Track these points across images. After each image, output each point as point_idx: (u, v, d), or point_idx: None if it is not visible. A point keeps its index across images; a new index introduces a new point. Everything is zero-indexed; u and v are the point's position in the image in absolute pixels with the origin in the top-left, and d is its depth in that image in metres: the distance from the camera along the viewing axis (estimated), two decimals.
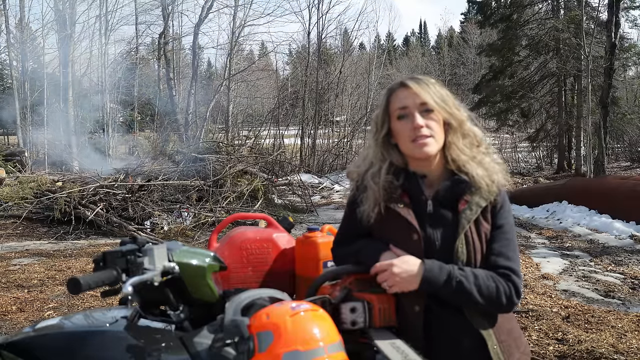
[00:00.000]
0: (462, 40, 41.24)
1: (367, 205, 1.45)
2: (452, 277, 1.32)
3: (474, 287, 1.33)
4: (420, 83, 1.41)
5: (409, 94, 1.40)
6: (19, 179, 12.44)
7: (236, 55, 20.87)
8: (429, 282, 1.33)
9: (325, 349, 1.10)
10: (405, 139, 1.41)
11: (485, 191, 1.39)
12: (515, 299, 1.36)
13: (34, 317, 4.38)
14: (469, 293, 1.32)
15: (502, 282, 1.36)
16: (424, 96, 1.39)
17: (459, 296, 1.33)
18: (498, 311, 1.39)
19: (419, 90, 1.39)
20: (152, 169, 9.82)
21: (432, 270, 1.33)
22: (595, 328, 3.90)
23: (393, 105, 1.43)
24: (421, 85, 1.41)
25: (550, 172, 17.95)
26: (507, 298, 1.35)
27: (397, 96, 1.43)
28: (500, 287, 1.35)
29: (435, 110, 1.39)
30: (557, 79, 17.54)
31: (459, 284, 1.32)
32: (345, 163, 17.98)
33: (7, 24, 19.69)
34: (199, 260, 1.36)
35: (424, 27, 75.81)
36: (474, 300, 1.33)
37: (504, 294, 1.35)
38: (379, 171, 1.44)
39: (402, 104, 1.41)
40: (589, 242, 7.10)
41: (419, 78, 1.44)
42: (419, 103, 1.39)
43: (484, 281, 1.34)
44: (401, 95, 1.42)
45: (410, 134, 1.39)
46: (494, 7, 18.71)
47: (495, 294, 1.34)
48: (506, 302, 1.35)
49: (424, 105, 1.39)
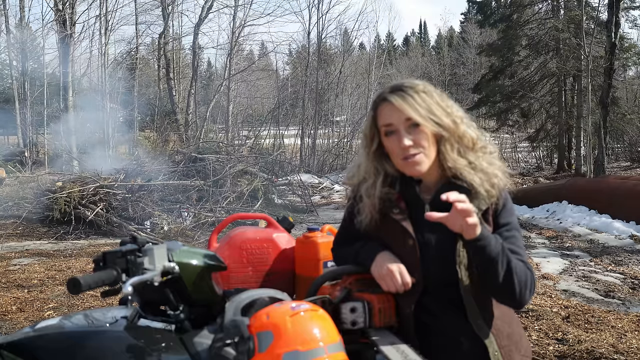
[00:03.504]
0: (462, 40, 41.23)
1: (363, 215, 1.44)
2: (505, 251, 1.31)
3: (515, 267, 1.31)
4: (404, 97, 1.34)
5: (394, 109, 1.35)
6: (19, 179, 12.45)
7: (236, 55, 20.85)
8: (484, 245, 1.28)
9: (326, 349, 1.10)
10: (395, 156, 1.38)
11: (485, 197, 1.37)
12: (533, 293, 1.36)
13: (34, 317, 4.38)
14: (512, 271, 1.30)
15: (530, 274, 1.35)
16: (409, 112, 1.33)
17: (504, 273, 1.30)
18: (519, 301, 1.35)
19: (402, 106, 1.33)
20: (152, 169, 9.80)
21: (489, 238, 1.30)
22: (595, 328, 3.90)
23: (379, 120, 1.39)
24: (405, 99, 1.34)
25: (550, 172, 17.95)
26: (530, 288, 1.34)
27: (383, 111, 1.38)
28: (529, 275, 1.34)
29: (421, 124, 1.34)
30: (557, 79, 17.55)
31: (507, 259, 1.30)
32: (345, 163, 17.99)
33: (7, 24, 19.70)
34: (199, 260, 1.35)
35: (424, 27, 75.76)
36: (511, 281, 1.30)
37: (531, 282, 1.34)
38: (374, 185, 1.42)
39: (387, 121, 1.36)
40: (589, 242, 7.10)
41: (403, 90, 1.36)
42: (404, 119, 1.34)
43: (518, 265, 1.33)
44: (386, 110, 1.37)
45: (399, 152, 1.36)
46: (494, 7, 18.76)
47: (525, 281, 1.33)
48: (529, 293, 1.34)
49: (409, 120, 1.34)
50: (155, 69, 24.16)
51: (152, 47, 24.18)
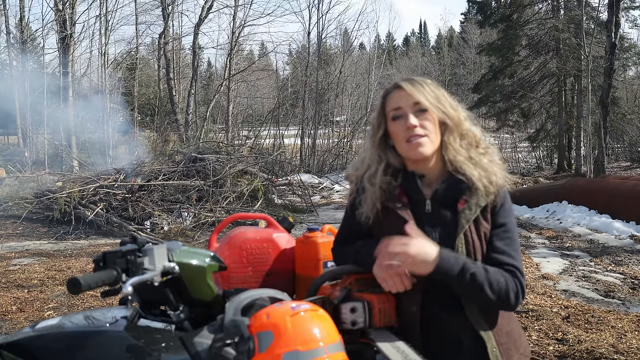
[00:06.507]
0: (462, 40, 41.21)
1: (365, 207, 1.45)
2: (467, 269, 1.31)
3: (486, 281, 1.31)
4: (414, 84, 1.41)
5: (403, 94, 1.40)
6: (19, 179, 12.45)
7: (236, 55, 20.86)
8: (442, 271, 1.30)
9: (326, 349, 1.10)
10: (400, 139, 1.41)
11: (483, 192, 1.39)
12: (521, 297, 1.35)
13: (34, 317, 4.38)
14: (481, 286, 1.31)
15: (510, 278, 1.35)
16: (417, 96, 1.39)
17: (471, 289, 1.31)
18: (504, 308, 1.38)
19: (412, 91, 1.39)
20: (152, 169, 9.80)
21: (448, 260, 1.31)
22: (595, 328, 3.90)
23: (388, 106, 1.44)
24: (415, 86, 1.41)
25: (550, 172, 17.95)
26: (514, 295, 1.34)
27: (392, 97, 1.43)
28: (509, 284, 1.34)
29: (429, 109, 1.39)
30: (557, 79, 17.54)
31: (472, 276, 1.30)
32: (345, 163, 17.99)
33: (7, 24, 19.71)
34: (199, 260, 1.35)
35: (424, 27, 75.94)
36: (485, 294, 1.31)
37: (512, 290, 1.34)
38: (376, 173, 1.44)
39: (396, 104, 1.41)
40: (589, 242, 7.10)
41: (414, 79, 1.44)
42: (412, 103, 1.39)
43: (494, 276, 1.33)
44: (395, 96, 1.42)
45: (405, 134, 1.39)
46: (494, 7, 18.73)
47: (504, 290, 1.33)
48: (514, 299, 1.34)
49: (417, 105, 1.39)
50: (155, 69, 24.17)
51: (152, 47, 24.21)
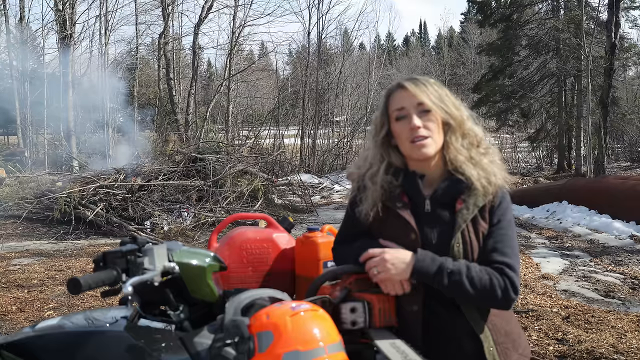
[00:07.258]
0: (462, 40, 41.25)
1: (365, 205, 1.46)
2: (444, 268, 1.32)
3: (466, 278, 1.31)
4: (417, 84, 1.41)
5: (407, 95, 1.41)
6: (19, 179, 12.44)
7: (236, 55, 20.85)
8: (419, 272, 1.33)
9: (326, 349, 1.10)
10: (404, 140, 1.41)
11: (481, 192, 1.39)
12: (512, 294, 1.33)
13: (34, 317, 4.38)
14: (460, 284, 1.31)
15: (497, 275, 1.34)
16: (421, 97, 1.39)
17: (451, 287, 1.32)
18: (494, 306, 1.37)
19: (416, 91, 1.40)
20: (152, 169, 9.80)
21: (424, 261, 1.33)
22: (595, 328, 3.90)
23: (391, 106, 1.44)
24: (418, 86, 1.41)
25: (550, 172, 17.95)
26: (502, 291, 1.32)
27: (395, 97, 1.43)
28: (494, 280, 1.33)
29: (432, 110, 1.39)
30: (557, 79, 17.54)
31: (450, 275, 1.31)
32: (345, 163, 17.99)
33: (7, 24, 19.69)
34: (199, 260, 1.36)
35: (424, 27, 75.96)
36: (466, 292, 1.31)
37: (498, 287, 1.32)
38: (378, 172, 1.45)
39: (400, 105, 1.41)
40: (589, 242, 7.10)
41: (417, 79, 1.44)
42: (416, 103, 1.39)
43: (477, 274, 1.33)
44: (399, 96, 1.42)
45: (408, 135, 1.39)
46: (494, 7, 18.70)
47: (488, 287, 1.32)
48: (501, 296, 1.32)
49: (421, 105, 1.39)
50: (155, 69, 24.13)
51: (152, 47, 24.18)
